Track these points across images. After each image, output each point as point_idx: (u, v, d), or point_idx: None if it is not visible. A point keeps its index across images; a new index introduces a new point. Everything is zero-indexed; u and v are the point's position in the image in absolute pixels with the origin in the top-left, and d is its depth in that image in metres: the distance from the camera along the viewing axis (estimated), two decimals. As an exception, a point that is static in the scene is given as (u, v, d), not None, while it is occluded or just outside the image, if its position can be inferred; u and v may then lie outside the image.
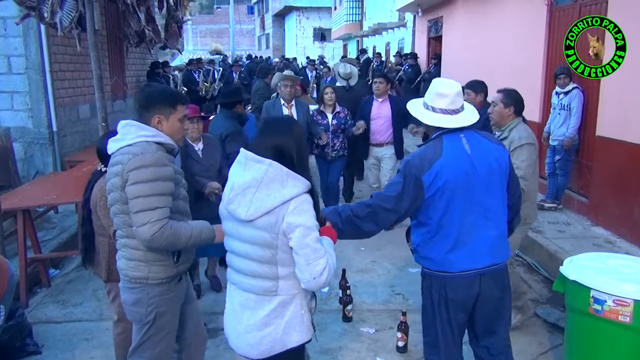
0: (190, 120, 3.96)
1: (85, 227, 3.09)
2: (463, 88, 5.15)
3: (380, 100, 6.22)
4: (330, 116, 6.20)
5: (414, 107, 2.69)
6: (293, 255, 2.12)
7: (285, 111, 5.88)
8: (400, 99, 6.71)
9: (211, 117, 6.09)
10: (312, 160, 6.13)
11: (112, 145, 2.48)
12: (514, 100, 3.77)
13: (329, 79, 11.32)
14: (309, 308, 2.30)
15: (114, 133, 2.57)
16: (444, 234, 2.52)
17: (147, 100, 2.51)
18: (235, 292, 2.30)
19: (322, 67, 15.05)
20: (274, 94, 7.11)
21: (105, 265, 3.05)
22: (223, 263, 4.50)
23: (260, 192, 2.09)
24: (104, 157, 2.87)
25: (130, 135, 2.42)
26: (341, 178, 7.01)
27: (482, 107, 4.85)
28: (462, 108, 2.59)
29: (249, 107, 8.20)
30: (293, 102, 5.96)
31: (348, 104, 6.73)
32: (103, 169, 2.98)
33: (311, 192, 2.17)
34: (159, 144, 2.45)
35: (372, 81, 7.52)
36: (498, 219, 2.58)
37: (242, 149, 2.24)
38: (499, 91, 3.86)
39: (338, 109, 6.26)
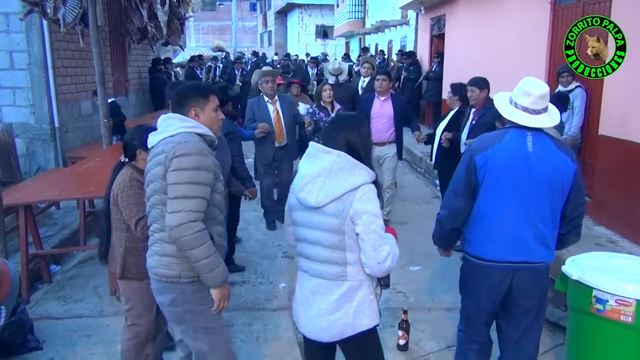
0: None
1: (104, 220, 3.04)
2: (468, 85, 5.27)
3: (382, 98, 6.08)
4: (332, 114, 6.18)
5: (500, 100, 2.73)
6: (359, 242, 2.25)
7: (270, 108, 5.85)
8: (402, 98, 6.69)
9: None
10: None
11: (153, 138, 2.49)
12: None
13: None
14: (375, 294, 2.42)
15: (148, 128, 2.74)
16: (483, 221, 2.62)
17: (180, 96, 2.54)
18: (306, 279, 2.42)
19: (324, 64, 15.02)
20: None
21: (120, 261, 2.96)
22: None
23: (330, 180, 2.24)
24: (129, 148, 2.95)
25: (172, 127, 2.44)
26: None
27: (486, 102, 4.98)
28: (544, 110, 2.61)
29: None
30: (276, 98, 5.93)
31: (339, 98, 6.73)
32: (124, 159, 2.98)
33: (375, 182, 2.31)
34: (200, 136, 2.46)
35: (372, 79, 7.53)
36: (543, 223, 2.57)
37: (312, 143, 2.42)
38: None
39: (337, 106, 6.25)
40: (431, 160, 6.08)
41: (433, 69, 12.23)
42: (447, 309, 4.21)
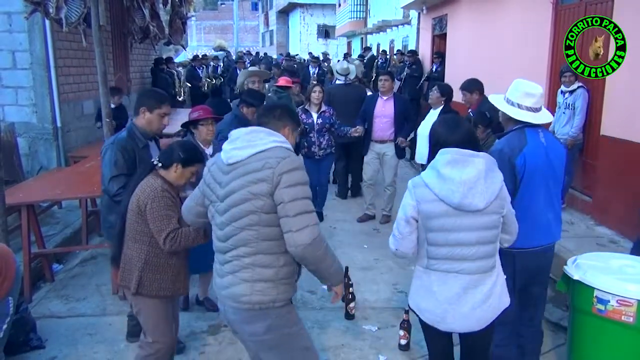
0: (204, 122, 3.93)
1: (120, 225, 2.89)
2: (460, 89, 5.37)
3: (385, 98, 6.23)
4: (315, 115, 6.15)
5: (499, 102, 3.02)
6: (504, 224, 2.48)
7: None
8: (404, 99, 6.74)
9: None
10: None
11: (240, 153, 2.28)
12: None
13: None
14: None
15: (195, 148, 2.90)
16: (522, 215, 2.73)
17: (282, 113, 2.46)
18: (454, 279, 2.45)
19: (326, 64, 15.03)
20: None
21: (137, 275, 2.78)
22: None
23: (487, 181, 2.37)
24: (170, 156, 2.81)
25: (261, 141, 2.29)
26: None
27: (480, 103, 5.06)
28: (541, 108, 2.98)
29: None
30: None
31: (347, 99, 6.73)
32: (157, 163, 2.82)
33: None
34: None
35: (374, 78, 7.56)
36: (557, 204, 3.04)
37: (453, 149, 2.40)
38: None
39: (324, 108, 6.22)
40: (412, 158, 6.43)
41: (434, 69, 12.23)
42: (448, 309, 4.20)
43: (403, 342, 3.68)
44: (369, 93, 7.93)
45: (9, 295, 2.68)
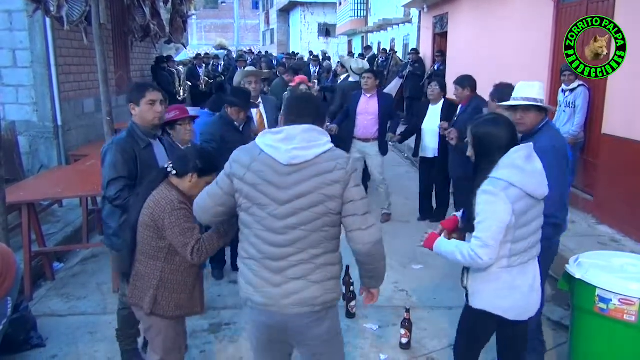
0: (181, 122, 3.84)
1: (131, 238, 2.67)
2: (454, 84, 5.56)
3: (368, 95, 6.20)
4: None
5: (522, 102, 3.06)
6: None
7: (253, 110, 5.38)
8: (388, 96, 6.72)
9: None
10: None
11: (305, 153, 2.17)
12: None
13: (329, 80, 11.33)
14: None
15: (210, 154, 2.74)
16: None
17: (323, 111, 2.44)
18: (530, 267, 2.58)
19: (327, 62, 15.02)
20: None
21: (151, 294, 2.59)
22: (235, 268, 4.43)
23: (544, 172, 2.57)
24: (186, 164, 2.60)
25: (320, 141, 2.21)
26: None
27: (470, 99, 5.32)
28: (536, 100, 3.10)
29: None
30: (260, 100, 5.52)
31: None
32: (171, 170, 2.61)
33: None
34: None
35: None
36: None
37: (523, 144, 2.54)
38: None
39: None
40: (414, 155, 6.49)
41: (436, 68, 12.21)
42: (449, 308, 4.20)
43: (404, 340, 3.67)
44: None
45: (8, 295, 2.67)
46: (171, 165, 2.61)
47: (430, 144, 5.98)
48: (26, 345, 3.65)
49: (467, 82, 5.40)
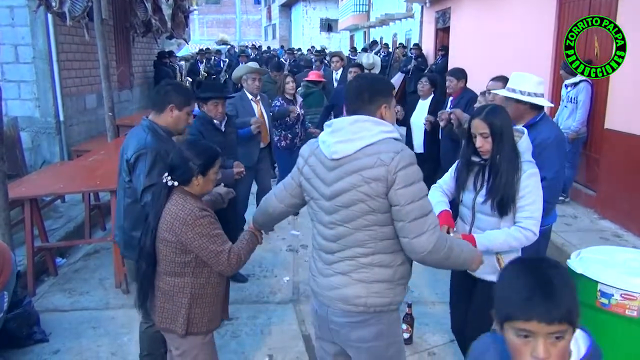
0: None
1: (146, 264, 2.40)
2: (447, 75, 5.64)
3: None
4: (298, 106, 6.07)
5: (518, 96, 3.09)
6: None
7: (255, 107, 5.35)
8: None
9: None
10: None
11: (346, 147, 2.02)
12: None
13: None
14: None
15: (207, 147, 2.39)
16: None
17: (372, 91, 2.11)
18: None
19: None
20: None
21: (184, 314, 2.37)
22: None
23: None
24: (184, 171, 2.34)
25: (368, 132, 2.02)
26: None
27: (462, 91, 5.46)
28: (539, 95, 3.14)
29: None
30: (259, 97, 5.46)
31: None
32: (173, 183, 2.36)
33: None
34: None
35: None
36: None
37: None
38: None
39: (300, 99, 6.17)
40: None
41: (437, 62, 12.19)
42: (451, 303, 4.20)
43: (406, 335, 3.67)
44: None
45: (4, 289, 2.68)
46: (169, 178, 2.36)
47: (416, 139, 6.00)
48: (29, 340, 3.66)
49: (461, 74, 5.52)
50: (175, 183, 2.35)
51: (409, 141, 6.15)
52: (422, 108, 5.86)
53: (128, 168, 2.88)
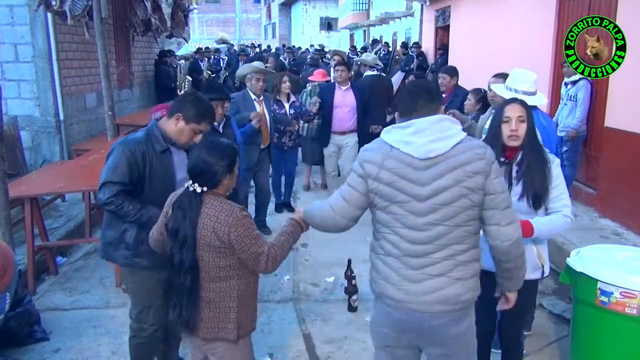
0: None
1: (189, 278, 2.27)
2: (440, 72, 5.81)
3: (343, 88, 6.19)
4: (287, 105, 6.09)
5: (500, 90, 3.56)
6: None
7: (257, 107, 5.34)
8: (361, 88, 6.72)
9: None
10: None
11: (441, 145, 2.06)
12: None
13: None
14: None
15: (227, 145, 2.33)
16: None
17: (434, 93, 2.21)
18: None
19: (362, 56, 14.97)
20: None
21: (234, 319, 2.32)
22: None
23: None
24: (213, 175, 2.27)
25: (453, 130, 2.11)
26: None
27: (455, 89, 5.66)
28: (536, 92, 3.44)
29: None
30: (262, 97, 5.47)
31: (376, 89, 6.86)
32: (196, 188, 2.27)
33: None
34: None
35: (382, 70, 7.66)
36: None
37: None
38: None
39: (293, 98, 6.18)
40: None
41: (437, 61, 12.18)
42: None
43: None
44: None
45: (7, 290, 2.68)
46: (196, 185, 2.27)
47: None
48: (30, 339, 3.66)
49: (454, 71, 5.70)
50: (205, 188, 2.27)
51: None
52: None
53: None
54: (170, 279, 2.30)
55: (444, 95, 5.57)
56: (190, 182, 2.28)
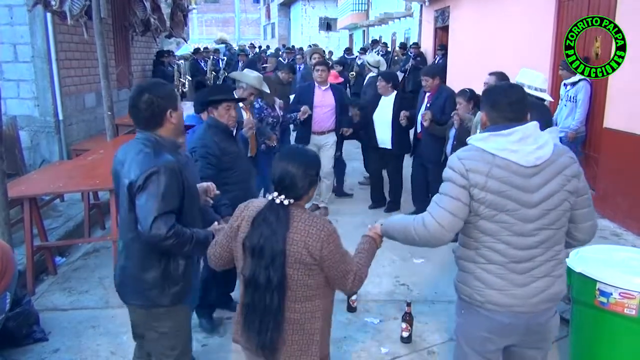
0: None
1: (277, 299, 2.06)
2: (422, 75, 5.84)
3: (323, 88, 6.14)
4: (278, 109, 5.95)
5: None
6: None
7: (244, 114, 5.00)
8: (340, 88, 6.78)
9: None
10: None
11: (544, 152, 2.11)
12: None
13: (301, 66, 11.40)
14: None
15: (312, 155, 2.21)
16: None
17: (522, 103, 2.22)
18: None
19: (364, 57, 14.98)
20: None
21: (317, 341, 2.15)
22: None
23: None
24: (302, 186, 2.11)
25: (545, 135, 2.20)
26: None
27: (439, 88, 5.73)
28: (546, 89, 3.63)
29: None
30: (249, 105, 5.15)
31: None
32: (283, 201, 2.10)
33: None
34: None
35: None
36: None
37: None
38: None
39: (277, 101, 6.02)
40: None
41: (437, 62, 12.18)
42: (450, 302, 4.20)
43: (405, 334, 3.68)
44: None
45: (7, 290, 2.68)
46: (283, 197, 2.10)
47: (381, 135, 6.10)
48: (29, 339, 3.66)
49: (436, 72, 5.83)
50: (292, 200, 2.11)
51: (372, 137, 6.19)
52: (386, 105, 6.04)
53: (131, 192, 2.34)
54: (253, 300, 2.09)
55: (427, 95, 5.70)
56: (276, 194, 2.11)
